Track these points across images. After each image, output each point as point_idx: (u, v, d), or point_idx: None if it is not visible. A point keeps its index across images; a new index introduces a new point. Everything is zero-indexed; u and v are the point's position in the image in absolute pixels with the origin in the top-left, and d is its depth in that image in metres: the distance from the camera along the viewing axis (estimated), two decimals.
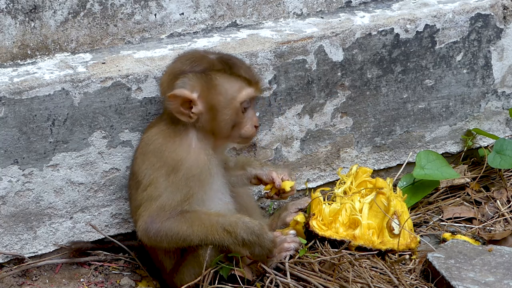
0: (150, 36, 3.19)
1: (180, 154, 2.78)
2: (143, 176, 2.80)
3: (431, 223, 3.41)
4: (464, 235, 3.32)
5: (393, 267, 3.04)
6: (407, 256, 3.15)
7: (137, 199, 2.82)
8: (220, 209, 2.87)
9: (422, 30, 3.41)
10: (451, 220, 3.43)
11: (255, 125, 2.89)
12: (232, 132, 2.86)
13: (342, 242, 3.12)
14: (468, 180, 3.59)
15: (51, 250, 3.08)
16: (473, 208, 3.49)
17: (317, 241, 3.16)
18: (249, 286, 2.87)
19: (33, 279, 3.06)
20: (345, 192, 3.27)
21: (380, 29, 3.34)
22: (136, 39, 3.17)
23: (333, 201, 3.25)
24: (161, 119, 2.90)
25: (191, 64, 2.78)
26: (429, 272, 2.98)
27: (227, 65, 2.80)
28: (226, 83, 2.79)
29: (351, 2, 3.50)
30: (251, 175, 3.07)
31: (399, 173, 3.54)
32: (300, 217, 3.19)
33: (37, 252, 3.06)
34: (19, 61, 3.03)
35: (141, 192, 2.79)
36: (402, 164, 3.55)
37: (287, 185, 3.03)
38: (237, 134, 2.87)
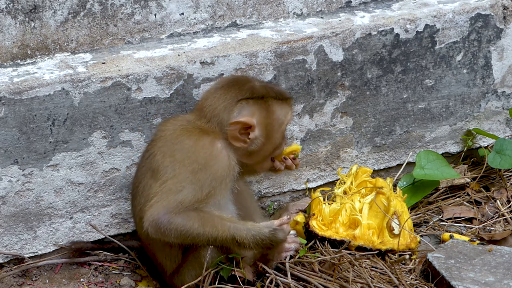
0: (150, 36, 3.19)
1: (213, 153, 2.80)
2: (164, 171, 2.80)
3: (431, 223, 3.41)
4: (464, 235, 3.33)
5: (393, 267, 3.04)
6: (407, 256, 3.16)
7: (150, 192, 2.80)
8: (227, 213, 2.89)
9: (422, 30, 3.41)
10: (451, 220, 3.44)
11: (285, 144, 3.00)
12: (270, 155, 2.95)
13: (342, 242, 3.12)
14: (468, 180, 3.59)
15: (51, 250, 3.08)
16: (473, 208, 3.49)
17: (317, 241, 3.16)
18: (249, 287, 2.87)
19: (33, 279, 3.06)
20: (345, 192, 3.27)
21: (380, 29, 3.34)
22: (136, 39, 3.17)
23: (333, 201, 3.25)
24: (185, 122, 2.89)
25: (250, 91, 2.84)
26: (429, 272, 2.99)
27: (277, 91, 2.90)
28: (279, 108, 2.88)
29: (351, 2, 3.50)
30: None
31: (399, 173, 3.54)
32: (300, 217, 3.19)
33: (37, 252, 3.06)
34: (19, 61, 3.03)
35: (159, 185, 2.78)
36: (402, 164, 3.55)
37: (295, 146, 3.07)
38: (272, 155, 2.96)
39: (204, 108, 2.88)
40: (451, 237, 3.22)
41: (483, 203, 3.52)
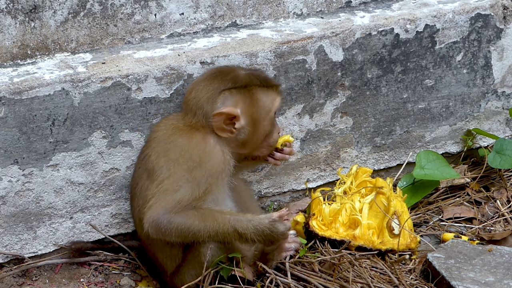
0: (150, 36, 3.19)
1: (207, 150, 2.81)
2: (160, 172, 2.80)
3: (431, 223, 3.41)
4: (464, 235, 3.33)
5: (393, 267, 3.04)
6: (407, 256, 3.16)
7: (148, 194, 2.81)
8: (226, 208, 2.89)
9: (422, 30, 3.41)
10: (451, 220, 3.44)
11: (278, 131, 2.98)
12: (263, 142, 2.93)
13: (342, 242, 3.12)
14: (468, 180, 3.59)
15: (51, 250, 3.09)
16: (473, 208, 3.49)
17: (317, 241, 3.16)
18: (249, 286, 2.87)
19: (33, 279, 3.06)
20: (345, 192, 3.27)
21: (380, 29, 3.34)
22: (136, 39, 3.17)
23: (333, 201, 3.25)
24: (176, 121, 2.89)
25: (232, 80, 2.83)
26: (429, 272, 2.99)
27: (262, 79, 2.89)
28: (264, 96, 2.87)
29: (351, 2, 3.50)
30: None
31: (399, 173, 3.54)
32: (300, 217, 3.19)
33: (37, 252, 3.06)
34: (19, 61, 3.03)
35: (156, 186, 2.79)
36: (402, 164, 3.55)
37: (286, 136, 3.06)
38: (266, 144, 2.95)
39: (189, 102, 2.88)
40: (456, 237, 3.23)
41: (483, 203, 3.52)
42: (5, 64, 3.01)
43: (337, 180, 3.38)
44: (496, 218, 3.43)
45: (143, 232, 2.82)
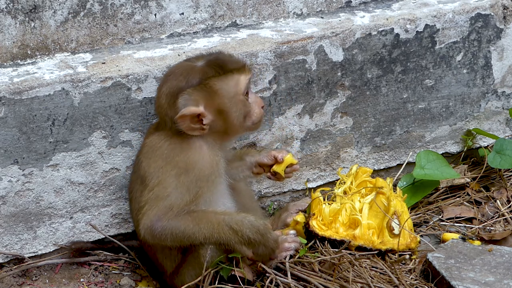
0: (150, 36, 3.19)
1: (191, 156, 2.80)
2: (150, 178, 2.80)
3: (431, 223, 3.41)
4: (464, 235, 3.33)
5: (393, 267, 3.04)
6: (407, 256, 3.16)
7: (141, 200, 2.81)
8: (224, 209, 2.88)
9: (422, 30, 3.41)
10: (451, 220, 3.44)
11: (261, 106, 2.91)
12: (244, 123, 2.88)
13: (342, 242, 3.12)
14: (468, 180, 3.59)
15: (51, 250, 3.09)
16: (473, 208, 3.49)
17: (317, 241, 3.16)
18: (249, 286, 2.87)
19: (33, 279, 3.06)
20: (345, 192, 3.27)
21: (380, 29, 3.34)
22: (136, 39, 3.17)
23: (333, 201, 3.25)
24: (159, 128, 2.89)
25: (186, 79, 2.78)
26: (429, 272, 2.99)
27: (218, 67, 2.80)
28: (224, 84, 2.80)
29: (351, 2, 3.50)
30: (251, 163, 3.08)
31: (399, 173, 3.54)
32: (300, 217, 3.19)
33: (37, 252, 3.06)
34: (19, 61, 3.03)
35: (148, 192, 2.79)
36: (402, 164, 3.55)
37: (289, 159, 3.04)
38: (249, 122, 2.89)
39: (156, 110, 2.88)
40: (463, 239, 3.23)
41: (483, 203, 3.52)
42: (5, 64, 3.01)
43: (337, 180, 3.38)
44: (496, 218, 3.43)
45: (141, 238, 2.83)
